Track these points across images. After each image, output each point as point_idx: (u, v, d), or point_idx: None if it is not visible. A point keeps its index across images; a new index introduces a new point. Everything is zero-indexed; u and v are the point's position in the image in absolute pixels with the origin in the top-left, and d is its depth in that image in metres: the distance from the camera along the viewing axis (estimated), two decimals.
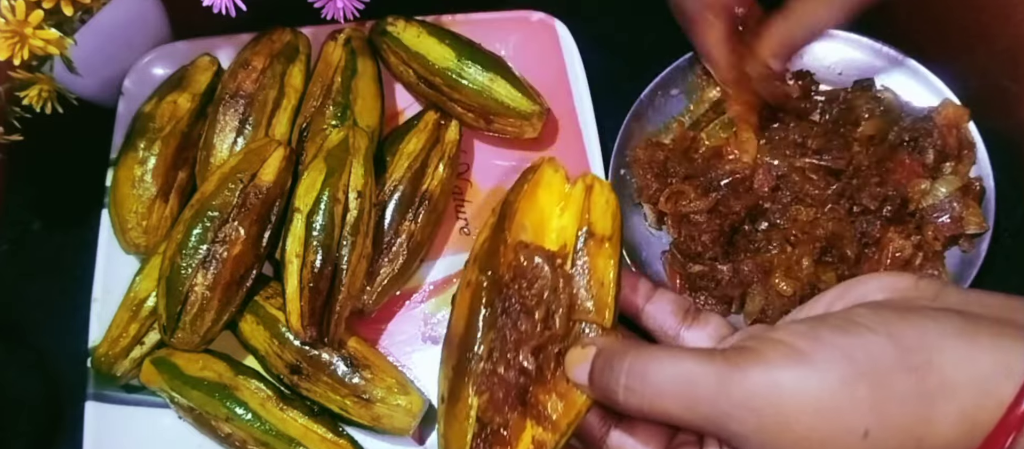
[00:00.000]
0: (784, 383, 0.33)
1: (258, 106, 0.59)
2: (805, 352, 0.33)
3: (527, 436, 0.40)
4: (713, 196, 0.58)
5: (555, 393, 0.40)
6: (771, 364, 0.34)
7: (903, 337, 0.33)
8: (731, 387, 0.34)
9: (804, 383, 0.33)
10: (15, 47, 0.48)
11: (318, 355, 0.54)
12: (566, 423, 0.40)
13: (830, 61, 0.63)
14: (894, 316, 0.34)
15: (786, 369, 0.33)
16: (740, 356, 0.34)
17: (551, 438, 0.39)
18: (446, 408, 0.41)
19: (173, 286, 0.53)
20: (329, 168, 0.54)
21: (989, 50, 0.60)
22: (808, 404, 0.33)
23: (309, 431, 0.53)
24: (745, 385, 0.34)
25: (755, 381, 0.33)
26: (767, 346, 0.34)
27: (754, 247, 0.57)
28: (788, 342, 0.34)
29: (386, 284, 0.56)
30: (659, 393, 0.35)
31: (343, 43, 0.61)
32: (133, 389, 0.56)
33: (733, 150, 0.59)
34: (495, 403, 0.40)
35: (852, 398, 0.32)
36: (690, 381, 0.35)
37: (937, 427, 0.32)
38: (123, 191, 0.57)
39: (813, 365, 0.33)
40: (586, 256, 0.42)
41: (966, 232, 0.56)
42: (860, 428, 0.32)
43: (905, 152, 0.58)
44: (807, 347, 0.34)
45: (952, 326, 0.33)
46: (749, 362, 0.34)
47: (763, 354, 0.34)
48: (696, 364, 0.35)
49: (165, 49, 0.64)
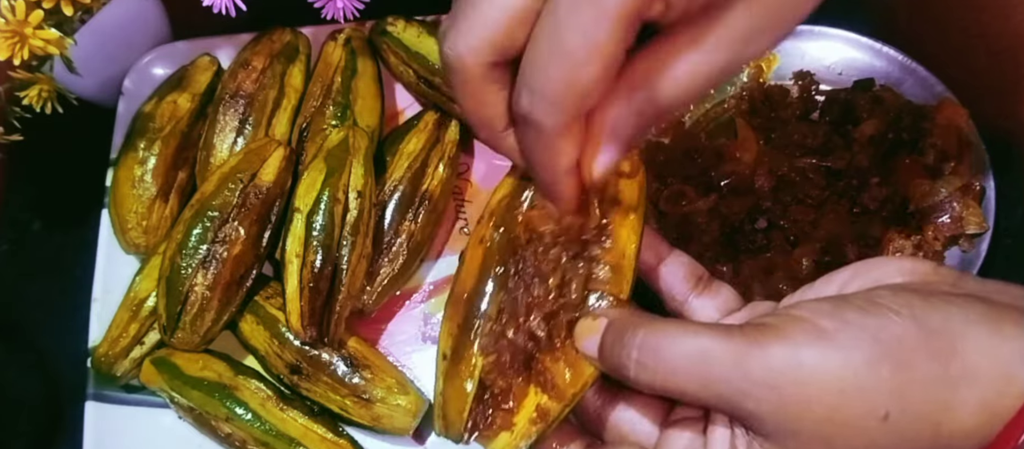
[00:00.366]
0: (806, 361, 0.32)
1: (258, 106, 0.59)
2: (828, 331, 0.32)
3: (531, 403, 0.38)
4: (713, 196, 0.58)
5: (563, 361, 0.38)
6: (793, 341, 0.33)
7: (927, 321, 0.32)
8: (750, 364, 0.33)
9: (827, 362, 0.32)
10: (15, 47, 0.48)
11: (318, 355, 0.54)
12: (572, 393, 0.38)
13: (830, 61, 0.63)
14: (917, 299, 0.33)
15: (809, 347, 0.32)
16: (759, 332, 0.33)
17: (556, 406, 0.38)
18: (448, 366, 0.39)
19: (173, 286, 0.53)
20: (329, 168, 0.54)
21: (989, 50, 0.60)
22: (831, 384, 0.32)
23: (309, 431, 0.53)
24: (765, 362, 0.32)
25: (776, 358, 0.32)
26: (788, 323, 0.33)
27: (754, 247, 0.57)
28: (811, 320, 0.33)
29: (386, 284, 0.56)
30: (672, 369, 0.34)
31: (343, 43, 0.61)
32: (133, 389, 0.56)
33: (733, 150, 0.59)
34: (500, 366, 0.38)
35: (875, 379, 0.32)
36: (706, 357, 0.33)
37: (957, 413, 0.32)
38: (123, 191, 0.57)
39: (837, 344, 0.32)
40: (610, 225, 0.40)
41: (966, 232, 0.56)
42: (881, 410, 0.32)
43: (905, 152, 0.58)
44: (831, 326, 0.33)
45: (975, 313, 0.33)
46: (770, 339, 0.33)
47: (784, 331, 0.33)
48: (713, 340, 0.34)
49: (165, 49, 0.64)
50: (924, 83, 0.60)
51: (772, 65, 0.63)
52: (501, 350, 0.38)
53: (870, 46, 0.62)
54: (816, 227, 0.56)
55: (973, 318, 0.33)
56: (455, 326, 0.40)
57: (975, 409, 0.32)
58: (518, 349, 0.38)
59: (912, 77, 0.61)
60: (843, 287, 0.37)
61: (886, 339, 0.32)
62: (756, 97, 0.62)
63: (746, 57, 0.33)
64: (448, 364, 0.39)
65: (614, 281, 0.39)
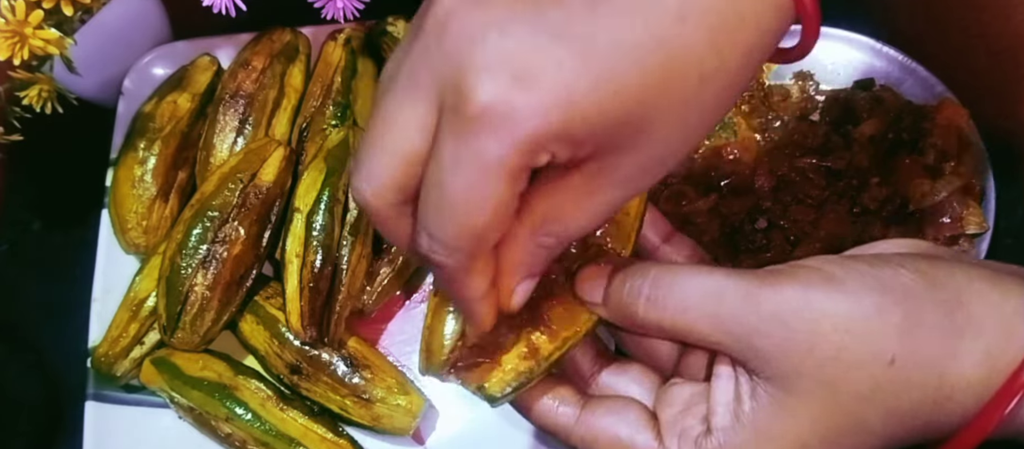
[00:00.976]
0: (816, 301, 0.33)
1: (258, 106, 0.59)
2: (839, 277, 0.33)
3: (521, 341, 0.37)
4: (713, 196, 0.58)
5: (560, 305, 0.37)
6: (804, 284, 0.33)
7: (934, 274, 0.34)
8: (761, 300, 0.33)
9: (837, 304, 0.33)
10: (15, 47, 0.48)
11: (318, 355, 0.54)
12: (564, 337, 0.37)
13: (830, 61, 0.63)
14: (923, 261, 0.35)
15: (819, 289, 0.33)
16: (771, 275, 0.34)
17: (546, 345, 0.37)
18: (438, 300, 0.37)
19: (173, 286, 0.53)
20: (329, 168, 0.54)
21: (989, 50, 0.60)
22: (839, 323, 0.33)
23: (309, 431, 0.53)
24: (776, 300, 0.33)
25: (787, 296, 0.33)
26: (799, 270, 0.34)
27: (754, 247, 0.57)
28: (821, 268, 0.34)
29: (386, 284, 0.56)
30: (684, 306, 0.35)
31: (343, 43, 0.61)
32: (133, 389, 0.56)
33: (733, 150, 0.59)
34: None
35: (883, 323, 0.33)
36: (719, 293, 0.34)
37: (961, 362, 0.33)
38: (123, 191, 0.57)
39: (846, 289, 0.33)
40: None
41: (966, 232, 0.56)
42: (888, 354, 0.32)
43: (905, 152, 0.58)
44: (840, 273, 0.34)
45: (978, 271, 0.34)
46: (781, 281, 0.34)
47: (795, 275, 0.34)
48: (726, 278, 0.34)
49: (165, 49, 0.64)
50: (924, 83, 0.60)
51: (772, 65, 0.63)
52: None
53: (870, 46, 0.62)
54: (816, 227, 0.56)
55: (976, 275, 0.34)
56: None
57: (978, 360, 0.33)
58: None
59: (912, 77, 0.61)
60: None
61: (894, 287, 0.33)
62: (756, 97, 0.62)
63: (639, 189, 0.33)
64: (438, 298, 0.38)
65: (616, 238, 0.39)
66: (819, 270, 0.34)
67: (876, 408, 0.33)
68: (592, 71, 0.28)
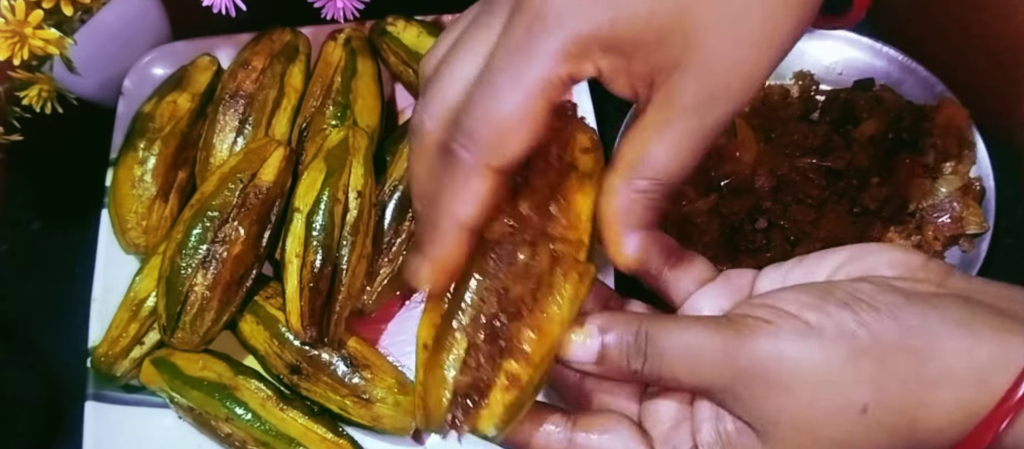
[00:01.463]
0: (789, 354, 0.34)
1: (258, 106, 0.59)
2: (812, 324, 0.34)
3: (501, 376, 0.37)
4: (713, 196, 0.58)
5: (527, 327, 0.37)
6: (777, 335, 0.34)
7: (907, 320, 0.34)
8: (738, 355, 0.34)
9: (809, 355, 0.33)
10: (15, 47, 0.48)
11: (318, 355, 0.54)
12: (540, 356, 0.37)
13: (830, 61, 0.63)
14: (899, 298, 0.35)
15: (792, 341, 0.34)
16: (746, 325, 0.35)
17: (525, 371, 0.37)
18: (429, 355, 0.38)
19: (173, 286, 0.53)
20: (329, 168, 0.54)
21: (989, 50, 0.60)
22: (812, 375, 0.33)
23: (309, 431, 0.53)
24: (751, 354, 0.34)
25: (761, 350, 0.34)
26: (775, 316, 0.35)
27: (754, 247, 0.57)
28: (795, 314, 0.34)
29: (386, 284, 0.56)
30: (669, 361, 0.35)
31: (343, 43, 0.61)
32: (133, 389, 0.56)
33: (733, 150, 0.59)
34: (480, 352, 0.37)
35: (855, 373, 0.33)
36: (699, 347, 0.35)
37: (932, 411, 0.33)
38: (123, 191, 0.57)
39: (819, 338, 0.34)
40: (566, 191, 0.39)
41: (966, 232, 0.56)
42: (860, 403, 0.33)
43: (905, 152, 0.58)
44: (813, 319, 0.34)
45: (954, 314, 0.34)
46: (756, 332, 0.34)
47: (772, 326, 0.34)
48: (705, 332, 0.35)
49: (165, 49, 0.64)
50: (924, 83, 0.60)
51: None
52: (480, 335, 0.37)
53: (870, 46, 0.62)
54: (816, 227, 0.56)
55: (951, 319, 0.34)
56: (438, 316, 0.39)
57: (950, 408, 0.33)
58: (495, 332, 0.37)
59: (912, 77, 0.61)
60: (834, 272, 0.38)
61: (865, 336, 0.33)
62: (756, 97, 0.61)
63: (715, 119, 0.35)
64: (429, 354, 0.38)
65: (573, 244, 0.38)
66: (795, 317, 0.34)
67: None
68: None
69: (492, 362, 0.37)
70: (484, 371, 0.37)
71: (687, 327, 0.36)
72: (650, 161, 0.35)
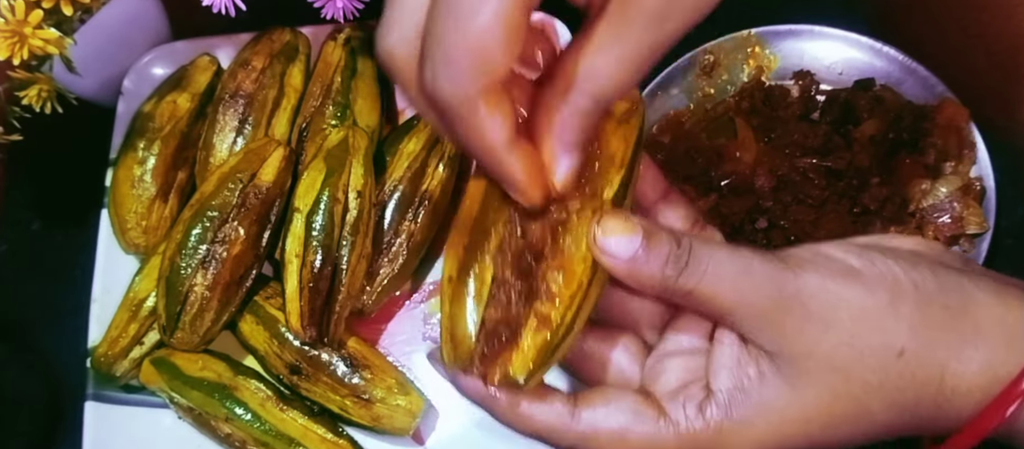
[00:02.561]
0: (834, 288, 0.34)
1: (258, 106, 0.59)
2: (856, 268, 0.35)
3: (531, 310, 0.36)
4: (713, 196, 0.58)
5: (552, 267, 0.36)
6: (824, 273, 0.35)
7: (944, 279, 0.35)
8: (784, 281, 0.34)
9: (854, 293, 0.34)
10: (15, 47, 0.48)
11: (318, 355, 0.54)
12: (568, 294, 0.35)
13: (830, 61, 0.63)
14: (934, 262, 0.36)
15: (838, 278, 0.34)
16: (795, 261, 0.35)
17: (554, 311, 0.35)
18: (454, 286, 0.36)
19: (173, 286, 0.53)
20: (329, 168, 0.54)
21: (989, 50, 0.60)
22: (855, 311, 0.34)
23: (309, 431, 0.53)
24: (798, 282, 0.34)
25: (808, 280, 0.34)
26: (819, 258, 0.35)
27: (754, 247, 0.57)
28: (841, 258, 0.35)
29: (386, 284, 0.56)
30: (718, 278, 0.35)
31: (343, 43, 0.61)
32: (133, 389, 0.56)
33: (733, 150, 0.59)
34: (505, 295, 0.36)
35: (896, 316, 0.34)
36: (747, 269, 0.35)
37: (964, 367, 0.34)
38: (123, 191, 0.57)
39: (863, 280, 0.34)
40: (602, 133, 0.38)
41: (967, 232, 0.56)
42: (898, 345, 0.34)
43: (905, 152, 0.58)
44: (857, 264, 0.35)
45: (985, 283, 0.35)
46: (804, 266, 0.35)
47: (816, 263, 0.35)
48: (753, 255, 0.35)
49: (164, 49, 0.64)
50: (925, 83, 0.60)
51: (772, 65, 0.63)
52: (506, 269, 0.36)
53: (870, 46, 0.62)
54: (817, 227, 0.56)
55: (982, 286, 0.35)
56: (461, 248, 0.37)
57: (980, 368, 0.34)
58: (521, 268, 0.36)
59: (912, 77, 0.61)
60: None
61: (908, 284, 0.34)
62: (756, 97, 0.61)
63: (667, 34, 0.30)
64: (454, 285, 0.36)
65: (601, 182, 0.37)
66: (839, 260, 0.35)
67: (881, 398, 0.34)
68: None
69: (520, 300, 0.35)
70: (513, 308, 0.35)
71: (734, 249, 0.36)
72: (597, 76, 0.31)
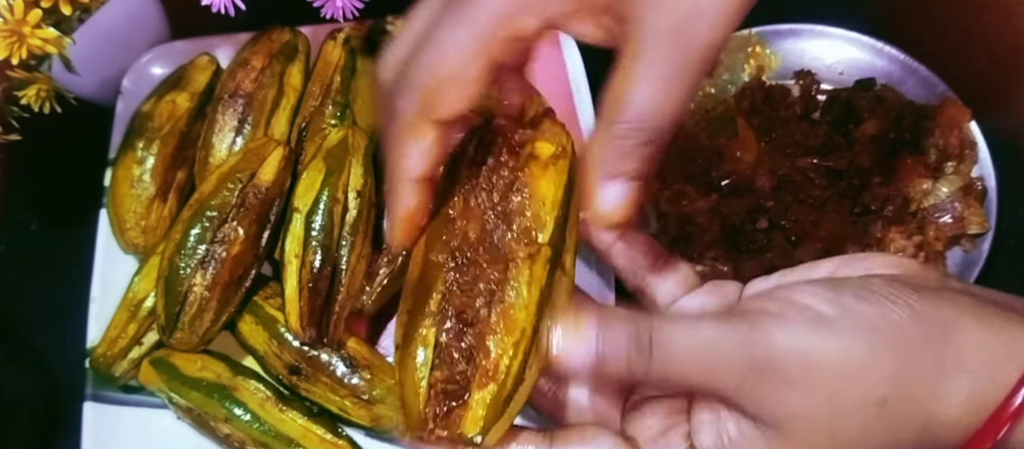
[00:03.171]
0: (807, 346, 0.33)
1: (257, 106, 0.59)
2: (829, 316, 0.33)
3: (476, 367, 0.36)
4: (714, 196, 0.58)
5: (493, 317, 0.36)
6: (795, 327, 0.33)
7: (922, 310, 0.33)
8: (754, 350, 0.33)
9: (829, 347, 0.33)
10: (13, 46, 0.48)
11: (317, 355, 0.54)
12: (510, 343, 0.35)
13: (831, 61, 0.63)
14: (910, 291, 0.34)
15: (810, 332, 0.33)
16: (759, 317, 0.34)
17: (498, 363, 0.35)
18: (401, 354, 0.37)
19: (172, 286, 0.53)
20: (328, 168, 0.54)
21: (990, 50, 0.60)
22: (831, 368, 0.32)
23: (308, 431, 0.53)
24: (769, 348, 0.33)
25: (780, 343, 0.33)
26: (788, 309, 0.34)
27: (755, 247, 0.57)
28: (812, 306, 0.33)
29: (386, 284, 0.56)
30: (679, 362, 0.34)
31: (342, 42, 0.61)
32: (132, 389, 0.56)
33: (734, 150, 0.59)
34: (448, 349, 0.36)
35: (875, 366, 0.32)
36: (711, 346, 0.33)
37: (947, 402, 0.32)
38: (122, 191, 0.57)
39: (837, 331, 0.33)
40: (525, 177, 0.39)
41: (968, 232, 0.56)
42: (878, 396, 0.32)
43: (906, 152, 0.58)
44: (831, 312, 0.33)
45: (965, 305, 0.34)
46: (771, 323, 0.33)
47: (786, 317, 0.33)
48: (716, 327, 0.34)
49: (164, 48, 0.64)
50: (926, 82, 0.60)
51: (773, 64, 0.63)
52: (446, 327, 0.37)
53: (871, 45, 0.62)
54: (817, 227, 0.56)
55: (964, 311, 0.34)
56: (405, 314, 0.38)
57: (965, 399, 0.32)
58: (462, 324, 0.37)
59: (913, 76, 0.61)
60: (833, 274, 0.37)
61: (885, 327, 0.33)
62: (757, 97, 0.61)
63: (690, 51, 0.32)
64: (401, 352, 0.37)
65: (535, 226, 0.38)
66: (809, 308, 0.33)
67: (867, 446, 0.33)
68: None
69: (464, 357, 0.36)
70: (458, 366, 0.35)
71: (696, 324, 0.34)
72: (629, 103, 0.33)
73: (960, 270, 0.56)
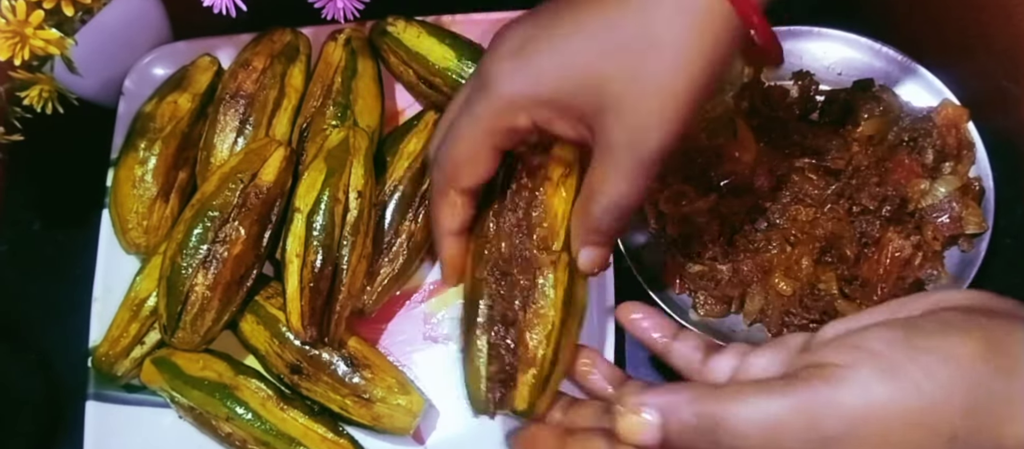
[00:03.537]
0: (879, 398, 0.32)
1: (258, 106, 0.59)
2: (900, 363, 0.33)
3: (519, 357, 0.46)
4: (713, 196, 0.58)
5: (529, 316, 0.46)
6: (863, 380, 0.33)
7: (995, 337, 0.33)
8: (823, 419, 0.33)
9: (901, 396, 0.32)
10: (16, 47, 0.48)
11: (318, 355, 0.54)
12: (544, 334, 0.46)
13: (830, 61, 0.63)
14: (984, 319, 0.34)
15: (880, 383, 0.33)
16: (824, 377, 0.33)
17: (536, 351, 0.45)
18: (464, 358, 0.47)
19: (174, 286, 0.53)
20: (329, 168, 0.54)
21: (988, 50, 0.60)
22: (905, 417, 0.32)
23: (309, 431, 0.53)
24: (838, 411, 0.33)
25: (848, 403, 0.33)
26: (856, 359, 0.33)
27: (754, 247, 0.57)
28: (882, 353, 0.33)
29: (386, 284, 0.57)
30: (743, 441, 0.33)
31: (343, 43, 0.62)
32: (134, 389, 0.56)
33: (733, 150, 0.59)
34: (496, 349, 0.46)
35: (948, 403, 0.32)
36: (779, 423, 0.33)
37: (1017, 427, 0.32)
38: (124, 191, 0.57)
39: (910, 376, 0.32)
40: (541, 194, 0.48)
41: (965, 232, 0.56)
42: (950, 432, 0.32)
43: (904, 152, 0.58)
44: (902, 357, 0.33)
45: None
46: (837, 383, 0.33)
47: (853, 369, 0.33)
48: (777, 399, 0.33)
49: (165, 49, 0.64)
50: (924, 83, 0.60)
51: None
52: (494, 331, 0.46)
53: (869, 46, 0.62)
54: (816, 227, 0.56)
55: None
56: (463, 322, 0.48)
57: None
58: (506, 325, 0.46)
59: (912, 77, 0.61)
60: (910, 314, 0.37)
61: (958, 360, 0.33)
62: (756, 97, 0.61)
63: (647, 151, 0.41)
64: (464, 354, 0.47)
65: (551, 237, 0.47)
66: (879, 355, 0.33)
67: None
68: (556, 49, 0.42)
69: (509, 352, 0.46)
70: (506, 359, 0.46)
71: (755, 398, 0.34)
72: (602, 191, 0.43)
73: (958, 270, 0.56)
